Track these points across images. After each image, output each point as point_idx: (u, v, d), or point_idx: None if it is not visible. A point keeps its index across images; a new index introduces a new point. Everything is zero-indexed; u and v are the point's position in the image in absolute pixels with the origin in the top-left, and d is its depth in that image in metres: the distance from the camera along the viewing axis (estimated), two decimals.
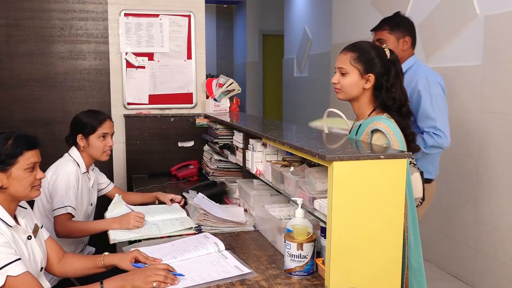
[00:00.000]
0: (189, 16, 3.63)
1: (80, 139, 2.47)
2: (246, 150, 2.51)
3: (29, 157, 1.65)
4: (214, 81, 3.63)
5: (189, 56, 3.67)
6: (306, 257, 1.64)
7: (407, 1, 4.27)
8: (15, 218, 1.68)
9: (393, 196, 1.53)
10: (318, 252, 1.73)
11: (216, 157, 3.15)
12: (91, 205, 2.58)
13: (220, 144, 3.03)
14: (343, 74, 1.93)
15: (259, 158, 2.29)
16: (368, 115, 1.94)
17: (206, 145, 3.52)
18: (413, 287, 1.72)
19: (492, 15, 3.31)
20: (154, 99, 3.62)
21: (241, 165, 2.63)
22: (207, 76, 3.81)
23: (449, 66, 3.77)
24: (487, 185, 3.39)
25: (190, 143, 3.67)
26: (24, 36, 3.46)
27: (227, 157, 2.96)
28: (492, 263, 3.36)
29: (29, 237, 1.69)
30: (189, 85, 3.69)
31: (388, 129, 1.80)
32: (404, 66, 2.65)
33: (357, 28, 5.10)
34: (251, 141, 2.38)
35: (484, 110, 3.40)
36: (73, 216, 2.31)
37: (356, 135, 1.95)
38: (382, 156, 1.50)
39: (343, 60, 1.93)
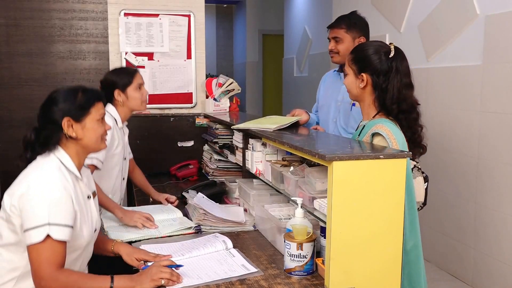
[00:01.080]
0: (189, 16, 3.63)
1: (118, 94, 2.52)
2: (246, 150, 2.51)
3: (100, 108, 1.70)
4: (214, 81, 3.64)
5: (189, 56, 3.67)
6: (306, 257, 1.64)
7: (407, 1, 4.27)
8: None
9: (393, 195, 1.53)
10: (318, 252, 1.73)
11: (216, 156, 3.14)
12: (125, 159, 2.63)
13: (220, 144, 3.03)
14: (345, 75, 1.98)
15: (259, 158, 2.29)
16: (373, 117, 1.92)
17: (206, 144, 3.52)
18: None
19: (492, 15, 3.31)
20: (154, 98, 3.62)
21: (241, 164, 2.63)
22: (207, 76, 3.81)
23: (449, 66, 3.77)
24: (487, 185, 3.39)
25: (190, 143, 3.67)
26: (24, 36, 3.45)
27: (227, 157, 2.96)
28: (492, 263, 3.36)
29: (88, 197, 1.73)
30: (189, 85, 3.69)
31: (389, 133, 1.77)
32: None
33: None
34: (251, 140, 2.38)
35: (484, 110, 3.40)
36: (97, 169, 2.31)
37: (359, 135, 1.94)
38: (381, 156, 1.50)
39: (346, 62, 1.98)
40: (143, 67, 3.58)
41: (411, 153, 1.58)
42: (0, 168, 3.32)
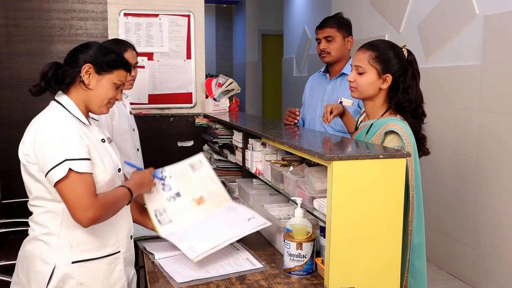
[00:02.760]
0: (188, 16, 3.64)
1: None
2: (246, 150, 2.51)
3: (122, 75, 1.73)
4: (214, 81, 3.64)
5: (188, 56, 3.67)
6: (306, 256, 1.64)
7: (406, 1, 4.27)
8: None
9: (392, 195, 1.53)
10: (317, 252, 1.74)
11: (215, 156, 3.15)
12: (134, 130, 2.65)
13: (219, 144, 3.03)
14: (360, 73, 1.88)
15: (259, 157, 2.29)
16: (381, 116, 1.91)
17: (205, 144, 3.52)
18: None
19: (491, 15, 3.32)
20: (153, 99, 3.62)
21: (241, 164, 2.64)
22: (206, 76, 3.81)
23: (448, 66, 3.77)
24: (487, 185, 3.40)
25: (190, 143, 3.67)
26: (24, 36, 3.46)
27: (227, 157, 2.96)
28: (492, 263, 3.37)
29: (103, 140, 1.74)
30: (189, 85, 3.69)
31: (403, 131, 1.77)
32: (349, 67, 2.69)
33: (357, 28, 5.10)
34: (251, 140, 2.38)
35: (483, 109, 3.40)
36: None
37: (366, 134, 1.92)
38: (381, 156, 1.50)
39: (361, 58, 1.88)
40: (143, 67, 3.58)
41: (410, 153, 1.58)
42: (0, 168, 3.32)
